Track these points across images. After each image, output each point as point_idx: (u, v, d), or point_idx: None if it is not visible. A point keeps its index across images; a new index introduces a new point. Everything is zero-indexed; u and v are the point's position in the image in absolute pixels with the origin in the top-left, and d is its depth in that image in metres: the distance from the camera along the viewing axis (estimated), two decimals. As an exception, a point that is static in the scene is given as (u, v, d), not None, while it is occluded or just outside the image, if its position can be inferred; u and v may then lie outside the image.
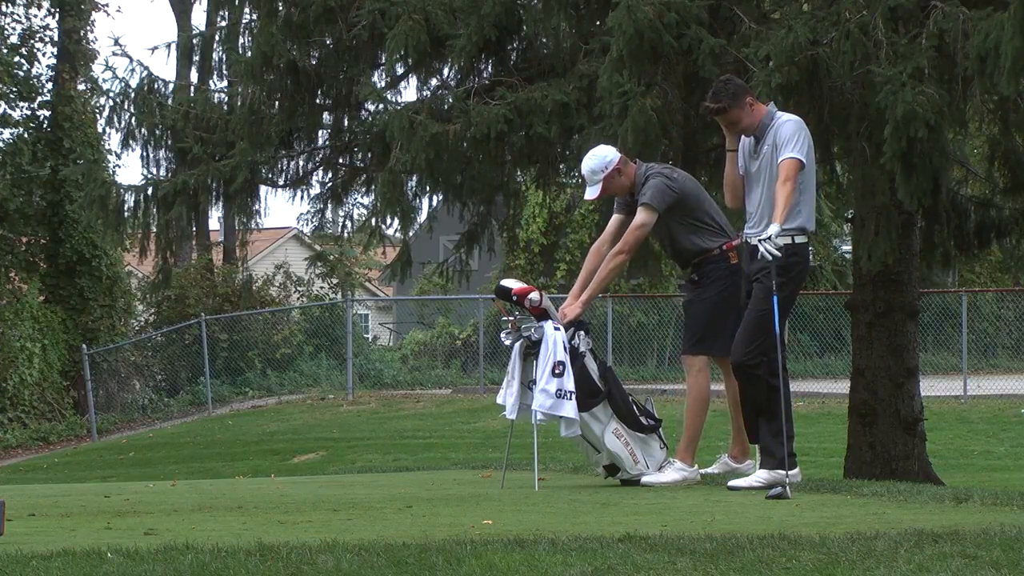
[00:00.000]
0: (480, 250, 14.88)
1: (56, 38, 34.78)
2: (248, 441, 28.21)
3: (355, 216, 15.64)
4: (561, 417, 9.17)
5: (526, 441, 9.61)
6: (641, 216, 9.42)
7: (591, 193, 9.62)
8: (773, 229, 8.72)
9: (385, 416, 29.76)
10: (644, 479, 9.37)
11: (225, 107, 14.68)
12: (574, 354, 9.31)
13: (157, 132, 14.65)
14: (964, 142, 14.76)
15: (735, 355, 9.07)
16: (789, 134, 8.94)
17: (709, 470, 9.95)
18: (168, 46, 15.26)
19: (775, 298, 8.78)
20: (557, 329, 9.25)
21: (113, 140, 22.28)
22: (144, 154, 14.77)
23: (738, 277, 9.38)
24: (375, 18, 12.60)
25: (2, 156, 33.04)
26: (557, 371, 9.13)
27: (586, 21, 12.32)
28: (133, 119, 14.67)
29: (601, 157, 9.59)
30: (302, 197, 14.86)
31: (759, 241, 8.80)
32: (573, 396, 9.14)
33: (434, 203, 14.97)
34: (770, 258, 8.72)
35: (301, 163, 14.57)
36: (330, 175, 14.67)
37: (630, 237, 9.47)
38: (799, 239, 8.94)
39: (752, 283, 9.02)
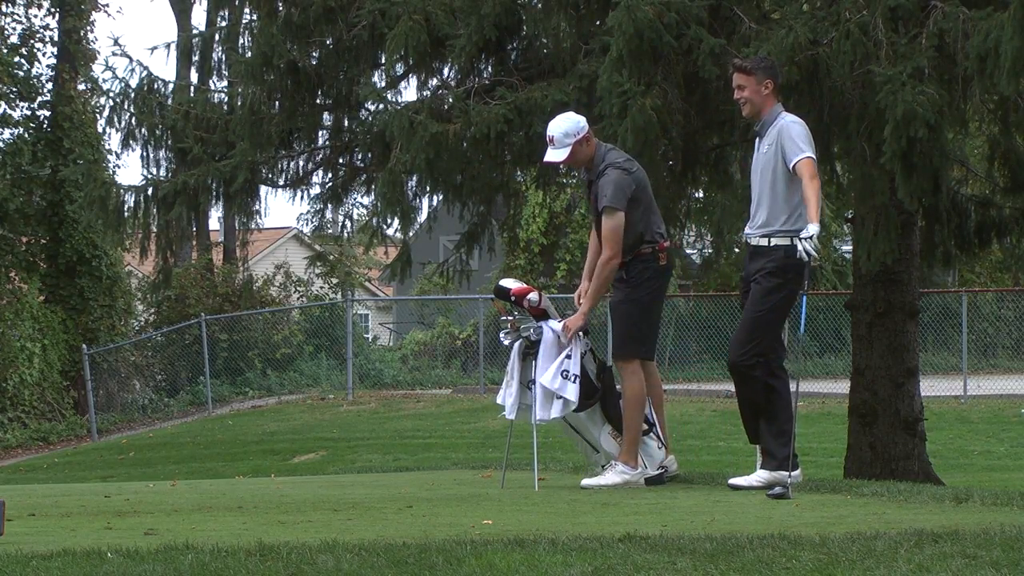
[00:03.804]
0: (480, 250, 14.88)
1: (56, 38, 34.79)
2: (248, 441, 28.20)
3: (355, 216, 15.66)
4: (562, 397, 9.13)
5: (526, 441, 9.61)
6: (609, 222, 9.20)
7: (559, 156, 9.33)
8: (813, 229, 8.68)
9: (385, 416, 29.76)
10: (583, 482, 9.33)
11: (225, 107, 14.68)
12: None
13: (157, 132, 14.65)
14: (964, 142, 14.75)
15: (731, 355, 9.05)
16: (800, 135, 8.92)
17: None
18: (168, 46, 15.27)
19: (774, 299, 8.79)
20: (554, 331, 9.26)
21: (113, 140, 22.33)
22: (144, 154, 14.78)
23: (666, 280, 9.40)
24: (375, 18, 12.60)
25: (2, 156, 33.04)
26: (567, 354, 9.14)
27: (586, 21, 12.31)
28: (133, 119, 14.67)
29: (575, 121, 9.38)
30: (302, 197, 14.87)
31: (800, 239, 8.75)
32: (578, 380, 9.12)
33: (434, 203, 14.98)
34: (807, 258, 8.71)
35: (301, 163, 14.57)
36: (330, 175, 14.67)
37: (611, 242, 9.28)
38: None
39: (750, 283, 9.01)
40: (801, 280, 8.99)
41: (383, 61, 13.21)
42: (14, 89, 33.75)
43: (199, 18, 39.86)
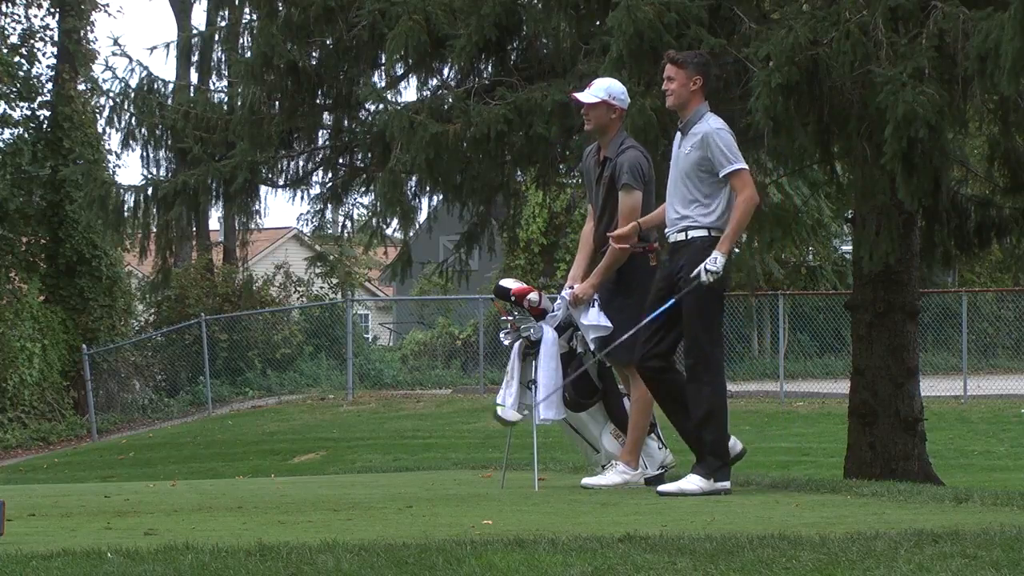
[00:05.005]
0: (480, 250, 14.88)
1: (56, 38, 34.78)
2: (248, 441, 28.21)
3: (355, 216, 15.67)
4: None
5: (526, 441, 9.61)
6: (627, 200, 9.15)
7: (587, 97, 9.28)
8: (721, 261, 8.65)
9: (385, 416, 29.77)
10: (583, 481, 9.31)
11: (225, 107, 14.69)
12: (572, 354, 9.31)
13: (157, 132, 14.66)
14: (964, 142, 14.75)
15: (691, 361, 8.96)
16: (730, 144, 8.77)
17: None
18: (167, 46, 15.29)
19: (707, 298, 8.74)
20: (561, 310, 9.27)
21: (113, 140, 22.34)
22: (144, 154, 14.79)
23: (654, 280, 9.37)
24: (375, 18, 12.60)
25: (2, 156, 33.04)
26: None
27: (586, 21, 12.31)
28: (133, 119, 14.68)
29: (621, 88, 9.43)
30: (302, 197, 14.88)
31: (705, 268, 8.73)
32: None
33: (434, 203, 14.98)
34: (703, 279, 8.68)
35: (301, 163, 14.58)
36: (330, 175, 14.68)
37: (627, 220, 9.18)
38: (716, 234, 8.78)
39: (676, 280, 8.86)
40: (722, 268, 8.85)
41: (383, 61, 13.21)
42: (14, 89, 33.75)
43: (199, 18, 39.88)
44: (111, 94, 14.78)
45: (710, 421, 8.83)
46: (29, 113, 34.28)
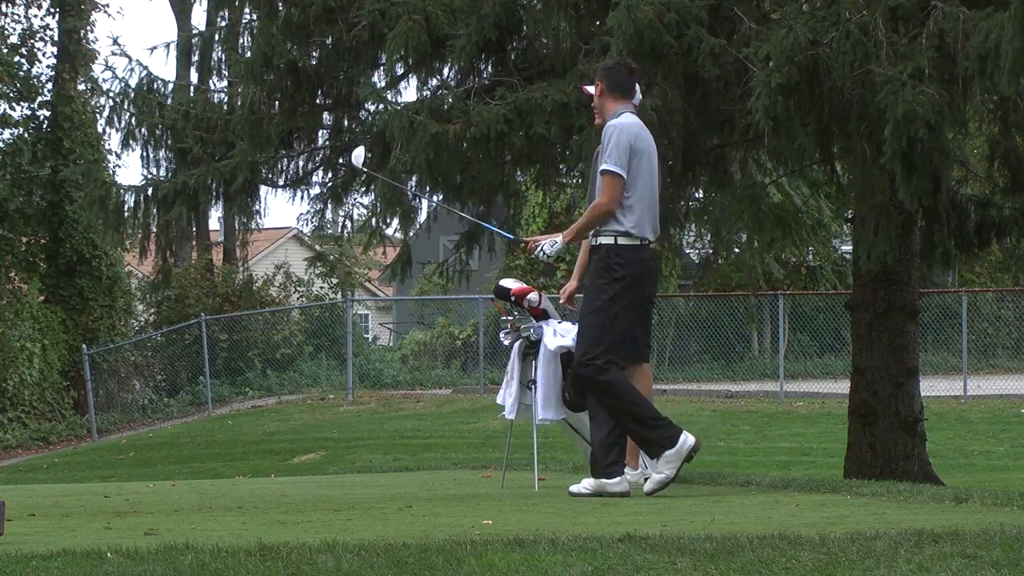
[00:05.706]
0: (480, 250, 14.88)
1: (56, 38, 34.79)
2: (248, 441, 28.21)
3: (355, 216, 15.66)
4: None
5: (526, 441, 9.62)
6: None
7: (593, 88, 9.28)
8: (558, 244, 8.81)
9: (385, 416, 29.76)
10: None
11: (225, 107, 14.69)
12: (572, 354, 9.31)
13: (157, 132, 14.66)
14: (964, 142, 14.75)
15: (575, 361, 8.96)
16: (616, 143, 8.72)
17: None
18: (167, 46, 15.29)
19: (601, 298, 8.71)
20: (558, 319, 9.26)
21: (113, 140, 22.40)
22: (144, 154, 14.79)
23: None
24: (375, 18, 12.60)
25: (2, 156, 33.04)
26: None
27: (586, 21, 12.31)
28: (133, 119, 14.68)
29: None
30: (302, 197, 14.87)
31: (541, 248, 8.78)
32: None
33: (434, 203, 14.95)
34: (543, 256, 8.82)
35: (301, 163, 14.57)
36: (330, 175, 14.67)
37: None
38: (622, 241, 8.78)
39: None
40: (625, 275, 8.76)
41: (383, 61, 13.21)
42: (14, 89, 33.76)
43: (199, 18, 39.88)
44: (111, 94, 14.78)
45: (623, 413, 8.78)
46: (29, 113, 34.31)
